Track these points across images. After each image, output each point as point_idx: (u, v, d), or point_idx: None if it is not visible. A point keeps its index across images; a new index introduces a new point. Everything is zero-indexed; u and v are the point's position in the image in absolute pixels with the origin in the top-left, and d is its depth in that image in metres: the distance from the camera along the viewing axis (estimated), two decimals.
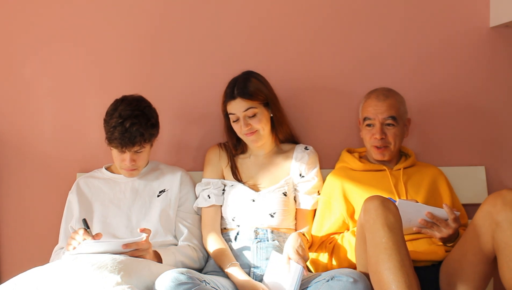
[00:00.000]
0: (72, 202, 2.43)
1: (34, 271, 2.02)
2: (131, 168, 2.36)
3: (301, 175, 2.47)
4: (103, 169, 2.51)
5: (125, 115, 2.27)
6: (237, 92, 2.39)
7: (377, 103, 2.41)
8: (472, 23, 2.69)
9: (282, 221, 2.42)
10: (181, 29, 2.65)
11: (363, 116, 2.44)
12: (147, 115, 2.33)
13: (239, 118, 2.40)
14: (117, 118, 2.27)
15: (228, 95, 2.41)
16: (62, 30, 2.64)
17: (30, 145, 2.65)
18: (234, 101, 2.39)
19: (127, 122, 2.26)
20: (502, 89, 2.72)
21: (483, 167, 2.69)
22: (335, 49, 2.68)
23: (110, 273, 1.94)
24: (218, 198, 2.45)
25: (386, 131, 2.40)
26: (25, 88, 2.65)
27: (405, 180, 2.42)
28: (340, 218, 2.38)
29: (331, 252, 2.35)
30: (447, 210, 2.19)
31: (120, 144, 2.28)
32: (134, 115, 2.28)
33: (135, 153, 2.33)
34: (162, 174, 2.48)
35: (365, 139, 2.46)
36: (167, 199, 2.43)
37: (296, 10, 2.67)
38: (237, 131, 2.44)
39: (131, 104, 2.31)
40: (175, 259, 2.30)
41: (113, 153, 2.36)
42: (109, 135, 2.29)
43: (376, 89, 2.48)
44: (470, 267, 2.09)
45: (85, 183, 2.46)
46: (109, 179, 2.47)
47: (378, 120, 2.40)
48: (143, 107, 2.34)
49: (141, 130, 2.29)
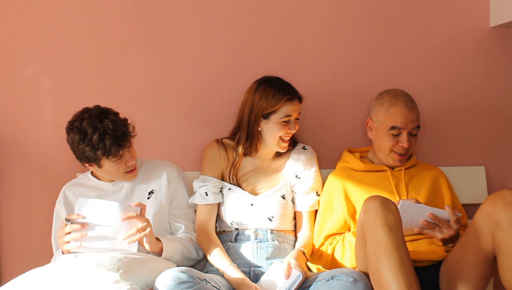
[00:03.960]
0: (61, 213, 2.36)
1: (34, 272, 2.02)
2: (134, 166, 2.32)
3: (297, 176, 2.45)
4: (89, 174, 2.43)
5: (98, 124, 2.19)
6: (294, 91, 2.36)
7: (407, 112, 2.34)
8: (472, 23, 2.69)
9: (281, 224, 2.41)
10: (181, 29, 2.65)
11: (390, 124, 2.35)
12: (112, 113, 2.26)
13: (290, 120, 2.36)
14: (96, 132, 2.18)
15: (288, 94, 2.34)
16: (62, 30, 2.63)
17: (30, 145, 2.65)
18: (295, 102, 2.35)
19: (107, 126, 2.19)
20: (502, 89, 2.72)
21: (483, 167, 2.69)
22: (335, 49, 2.68)
23: (109, 271, 1.94)
24: (216, 197, 2.42)
25: (410, 139, 2.37)
26: (26, 87, 2.64)
27: (406, 180, 2.42)
28: (341, 218, 2.37)
29: (332, 253, 2.34)
30: (449, 211, 2.19)
31: (117, 149, 2.21)
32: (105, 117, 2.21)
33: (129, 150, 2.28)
34: (148, 174, 2.41)
35: (384, 145, 2.39)
36: (157, 200, 2.39)
37: (298, 10, 2.66)
38: (280, 133, 2.36)
39: (92, 116, 2.21)
40: (175, 247, 2.29)
41: (108, 169, 2.27)
42: (102, 151, 2.19)
43: (396, 93, 2.39)
44: (470, 267, 2.09)
45: (72, 192, 2.39)
46: (96, 186, 2.39)
47: (407, 130, 2.35)
48: (103, 110, 2.25)
49: (122, 124, 2.24)
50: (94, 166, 2.28)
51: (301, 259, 2.25)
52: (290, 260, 2.19)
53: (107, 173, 2.31)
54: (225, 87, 2.64)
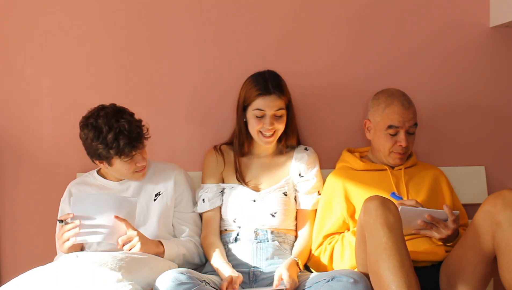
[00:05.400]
0: (65, 211, 2.36)
1: (36, 271, 2.03)
2: (145, 165, 2.31)
3: (300, 175, 2.47)
4: (95, 173, 2.43)
5: (114, 123, 2.19)
6: (272, 87, 2.33)
7: (404, 111, 2.34)
8: (472, 23, 2.69)
9: (283, 221, 2.41)
10: (182, 29, 2.65)
11: (387, 124, 2.35)
12: (128, 113, 2.27)
13: (265, 115, 2.35)
14: (112, 131, 2.18)
15: (262, 89, 2.33)
16: (62, 30, 2.63)
17: (30, 145, 2.65)
18: (269, 97, 2.33)
19: (123, 126, 2.20)
20: (502, 89, 2.72)
21: (483, 167, 2.69)
22: (335, 48, 2.68)
23: (110, 270, 1.95)
24: (213, 202, 2.43)
25: (408, 137, 2.37)
26: (25, 88, 2.64)
27: (406, 180, 2.42)
28: (340, 217, 2.38)
29: (331, 252, 2.34)
30: (447, 211, 2.19)
31: (130, 150, 2.21)
32: (121, 117, 2.22)
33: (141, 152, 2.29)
34: (156, 175, 2.42)
35: (383, 145, 2.39)
36: (163, 202, 2.39)
37: (299, 10, 2.67)
38: (256, 127, 2.37)
39: (108, 114, 2.22)
40: (177, 251, 2.29)
41: (118, 167, 2.27)
42: (115, 150, 2.19)
43: (392, 93, 2.40)
44: (470, 267, 2.09)
45: (77, 190, 2.38)
46: (102, 185, 2.39)
47: (404, 128, 2.35)
48: (119, 110, 2.26)
49: (137, 125, 2.25)
50: (105, 163, 2.28)
51: (294, 269, 2.25)
52: (283, 272, 2.18)
53: (116, 171, 2.31)
54: (226, 87, 2.64)
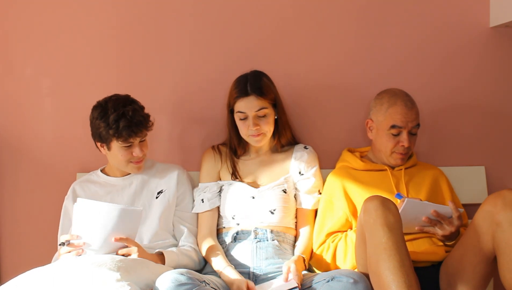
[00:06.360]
0: (69, 209, 2.38)
1: (35, 271, 2.03)
2: (141, 158, 2.34)
3: (300, 173, 2.46)
4: (98, 171, 2.47)
5: (121, 107, 2.26)
6: (251, 89, 2.34)
7: (407, 111, 2.34)
8: (472, 23, 2.69)
9: (282, 219, 2.41)
10: (181, 29, 2.65)
11: (390, 123, 2.35)
12: (137, 103, 2.33)
13: (248, 117, 2.35)
14: (116, 112, 2.25)
15: (240, 91, 2.34)
16: (62, 30, 2.63)
17: (30, 145, 2.65)
18: (247, 98, 2.34)
19: (127, 111, 2.25)
20: (501, 89, 2.72)
21: (483, 167, 2.69)
22: (336, 48, 2.68)
23: (109, 270, 1.96)
24: (212, 202, 2.43)
25: (410, 138, 2.37)
26: (25, 88, 2.64)
27: (407, 180, 2.42)
28: (343, 216, 2.37)
29: (335, 251, 2.34)
30: (452, 207, 2.19)
31: (128, 134, 2.25)
32: (129, 104, 2.28)
33: (140, 143, 2.31)
34: (159, 174, 2.45)
35: (385, 145, 2.39)
36: (165, 200, 2.41)
37: (299, 9, 2.66)
38: (243, 130, 2.38)
39: (118, 99, 2.30)
40: (177, 262, 2.29)
41: (115, 152, 2.31)
42: (114, 130, 2.24)
43: (395, 93, 2.40)
44: (470, 267, 2.09)
45: (81, 188, 2.42)
46: (105, 182, 2.43)
47: (407, 129, 2.35)
48: (130, 99, 2.33)
49: (142, 115, 2.30)
50: (105, 147, 2.32)
51: (301, 266, 2.25)
52: (291, 265, 2.18)
53: (113, 157, 2.34)
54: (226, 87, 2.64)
